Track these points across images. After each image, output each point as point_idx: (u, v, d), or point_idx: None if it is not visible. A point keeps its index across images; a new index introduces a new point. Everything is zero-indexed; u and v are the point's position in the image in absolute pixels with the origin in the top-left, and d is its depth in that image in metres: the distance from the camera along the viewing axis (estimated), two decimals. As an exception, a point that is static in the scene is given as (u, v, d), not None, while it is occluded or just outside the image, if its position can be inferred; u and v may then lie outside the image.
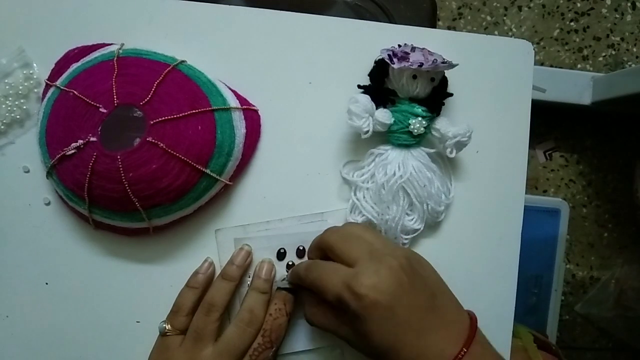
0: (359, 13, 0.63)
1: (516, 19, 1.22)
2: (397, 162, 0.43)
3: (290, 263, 0.45)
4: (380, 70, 0.44)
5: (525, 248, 0.47)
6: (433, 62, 0.40)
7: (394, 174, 0.43)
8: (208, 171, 0.40)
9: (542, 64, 1.21)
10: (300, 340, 0.44)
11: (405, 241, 0.45)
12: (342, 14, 0.62)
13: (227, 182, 0.43)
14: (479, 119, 0.47)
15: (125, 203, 0.39)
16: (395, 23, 0.61)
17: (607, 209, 1.24)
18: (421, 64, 0.40)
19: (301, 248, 0.45)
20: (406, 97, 0.43)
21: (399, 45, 0.44)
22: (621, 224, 1.24)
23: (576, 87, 1.11)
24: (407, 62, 0.41)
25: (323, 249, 0.40)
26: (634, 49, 1.23)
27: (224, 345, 0.39)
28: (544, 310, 1.13)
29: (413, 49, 0.43)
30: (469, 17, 1.22)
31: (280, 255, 0.45)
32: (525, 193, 0.47)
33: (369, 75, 0.45)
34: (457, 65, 0.42)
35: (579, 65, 1.22)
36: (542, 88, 1.08)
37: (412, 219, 0.44)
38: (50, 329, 0.44)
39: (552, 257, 1.13)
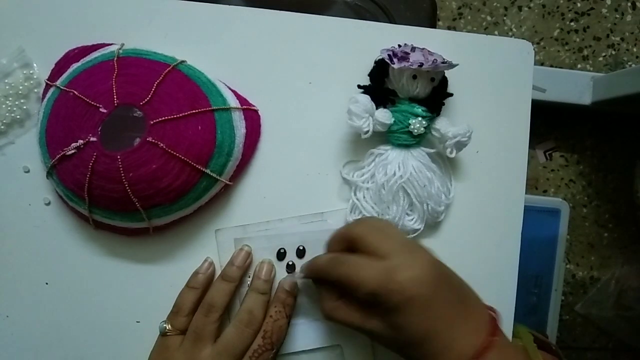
0: (359, 13, 0.63)
1: (516, 19, 1.22)
2: (397, 162, 0.43)
3: (290, 263, 0.45)
4: (380, 70, 0.44)
5: (525, 248, 0.47)
6: (433, 62, 0.40)
7: (394, 174, 0.43)
8: (208, 171, 0.40)
9: (542, 64, 1.21)
10: (300, 340, 0.44)
11: None
12: (342, 14, 0.62)
13: (227, 182, 0.43)
14: (479, 119, 0.47)
15: (125, 203, 0.39)
16: (395, 23, 0.61)
17: (607, 209, 1.24)
18: (421, 64, 0.40)
19: (301, 248, 0.45)
20: (406, 97, 0.43)
21: (399, 45, 0.44)
22: (621, 224, 1.24)
23: (576, 87, 1.11)
24: (407, 62, 0.41)
25: (349, 241, 0.39)
26: (634, 49, 1.23)
27: (223, 345, 0.39)
28: (544, 310, 1.13)
29: (413, 49, 0.43)
30: (469, 17, 1.22)
31: (280, 255, 0.45)
32: (525, 193, 0.47)
33: (369, 75, 0.45)
34: (457, 65, 0.42)
35: (579, 65, 1.22)
36: (542, 88, 1.08)
37: (412, 219, 0.44)
38: (50, 329, 0.44)
39: (552, 257, 1.13)
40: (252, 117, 0.45)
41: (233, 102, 0.44)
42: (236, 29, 0.46)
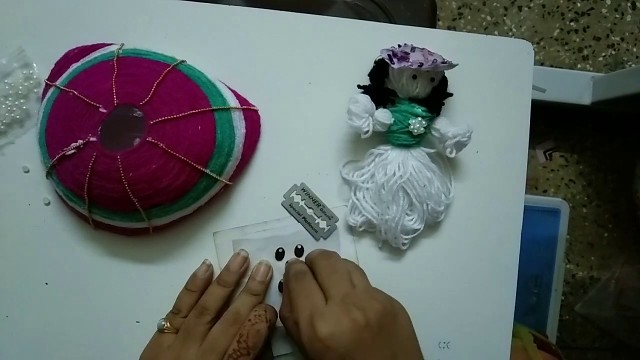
0: (359, 13, 0.63)
1: (516, 19, 1.22)
2: (397, 162, 0.43)
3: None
4: (380, 70, 0.44)
5: (525, 248, 0.47)
6: (433, 62, 0.40)
7: (394, 174, 0.43)
8: (208, 171, 0.40)
9: (542, 64, 1.21)
10: (280, 344, 0.44)
11: (405, 241, 0.45)
12: (342, 14, 0.62)
13: (227, 182, 0.43)
14: (479, 119, 0.47)
15: (125, 203, 0.39)
16: (395, 23, 0.61)
17: (607, 209, 1.24)
18: (421, 64, 0.40)
19: (299, 247, 0.45)
20: (406, 97, 0.43)
21: (399, 45, 0.44)
22: (621, 224, 1.24)
23: (576, 87, 1.11)
24: (407, 62, 0.41)
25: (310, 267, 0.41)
26: (634, 49, 1.23)
27: (208, 344, 0.39)
28: (544, 310, 1.13)
29: (413, 49, 0.43)
30: (469, 17, 1.22)
31: (279, 255, 0.45)
32: (525, 193, 0.47)
33: (368, 75, 0.45)
34: (457, 65, 0.42)
35: (579, 65, 1.22)
36: (542, 88, 1.08)
37: (412, 219, 0.44)
38: (50, 329, 0.44)
39: (552, 257, 1.13)
40: (252, 117, 0.45)
41: (233, 102, 0.43)
42: (236, 29, 0.46)
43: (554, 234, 1.13)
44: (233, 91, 0.45)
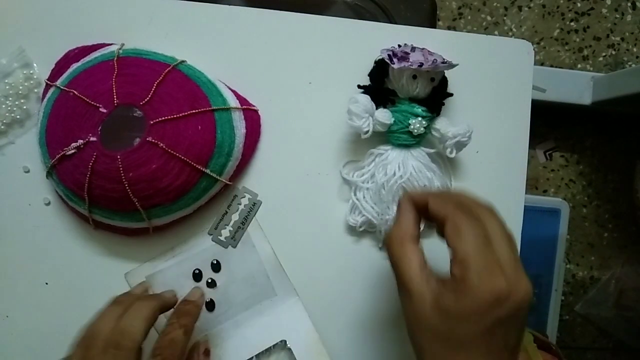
0: (359, 13, 0.63)
1: (516, 19, 1.22)
2: (397, 162, 0.43)
3: (209, 280, 0.43)
4: (380, 70, 0.44)
5: (525, 248, 0.46)
6: (433, 62, 0.40)
7: (394, 174, 0.43)
8: (208, 171, 0.40)
9: (542, 64, 1.21)
10: (240, 348, 0.43)
11: None
12: (342, 14, 0.62)
13: (227, 182, 0.43)
14: (479, 119, 0.47)
15: (125, 203, 0.39)
16: (395, 23, 0.61)
17: (607, 209, 1.24)
18: (421, 64, 0.40)
19: (215, 262, 0.44)
20: (406, 97, 0.43)
21: (399, 46, 0.44)
22: (621, 224, 1.24)
23: (576, 87, 1.11)
24: (407, 62, 0.41)
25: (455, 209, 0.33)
26: (634, 49, 1.23)
27: None
28: (544, 310, 1.13)
29: (413, 49, 0.43)
30: (469, 17, 1.22)
31: (197, 276, 0.44)
32: (525, 193, 0.47)
33: (369, 75, 0.45)
34: (457, 65, 0.42)
35: (579, 65, 1.22)
36: (542, 88, 1.08)
37: None
38: (50, 329, 0.44)
39: (552, 257, 1.13)
40: (252, 117, 0.45)
41: (233, 102, 0.43)
42: (236, 29, 0.46)
43: (554, 234, 1.13)
44: (233, 91, 0.45)
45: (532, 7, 1.22)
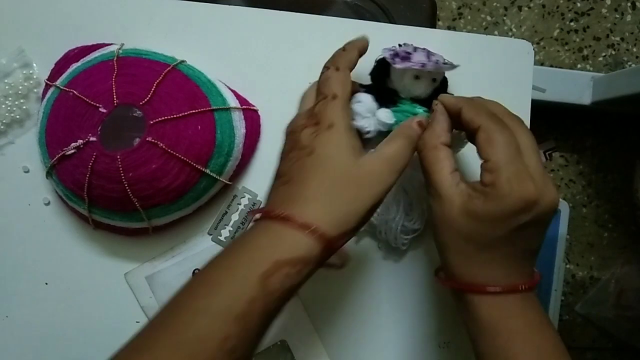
0: (359, 13, 0.63)
1: (516, 19, 1.22)
2: None
3: None
4: (381, 69, 0.44)
5: (525, 248, 0.46)
6: (435, 62, 0.40)
7: None
8: (208, 171, 0.40)
9: (542, 64, 1.21)
10: None
11: (405, 241, 0.45)
12: (342, 14, 0.62)
13: (226, 182, 0.43)
14: (479, 119, 0.47)
15: (125, 203, 0.39)
16: (395, 23, 0.61)
17: (607, 209, 1.24)
18: (423, 65, 0.40)
19: None
20: (408, 97, 0.43)
21: (400, 45, 0.44)
22: (621, 224, 1.23)
23: (576, 87, 1.11)
24: (410, 62, 0.40)
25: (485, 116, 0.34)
26: (634, 49, 1.23)
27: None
28: (544, 310, 1.13)
29: (415, 49, 0.43)
30: (469, 17, 1.22)
31: None
32: (525, 193, 0.47)
33: (370, 74, 0.44)
34: (458, 66, 0.41)
35: (579, 65, 1.22)
36: (542, 88, 1.08)
37: (412, 219, 0.44)
38: (50, 329, 0.44)
39: (552, 257, 1.13)
40: (252, 117, 0.45)
41: (233, 102, 0.43)
42: (236, 29, 0.46)
43: (554, 234, 1.13)
44: (233, 91, 0.45)
45: (532, 7, 1.22)
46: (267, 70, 0.46)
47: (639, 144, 1.23)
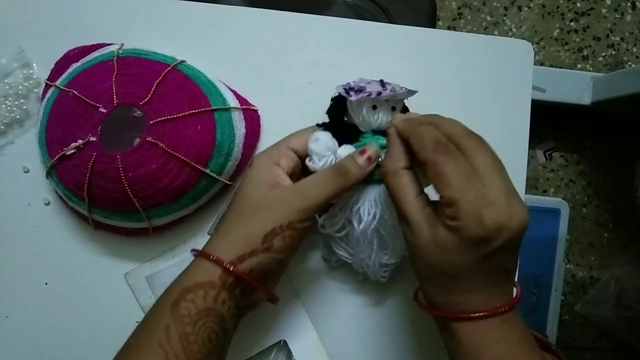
0: (359, 13, 0.63)
1: (516, 19, 1.22)
2: (369, 202, 0.40)
3: None
4: (338, 106, 0.41)
5: (525, 248, 0.46)
6: (392, 90, 0.38)
7: (368, 216, 0.39)
8: (207, 171, 0.40)
9: (542, 64, 1.21)
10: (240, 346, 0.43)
11: (384, 274, 0.43)
12: (342, 14, 0.62)
13: (226, 182, 0.43)
14: (479, 119, 0.47)
15: (125, 203, 0.39)
16: (395, 23, 0.61)
17: (607, 209, 1.24)
18: (379, 93, 0.38)
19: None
20: (369, 129, 0.40)
21: (354, 82, 0.41)
22: (621, 224, 1.24)
23: (576, 87, 1.11)
24: (364, 92, 0.38)
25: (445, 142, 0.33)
26: (634, 49, 1.23)
27: None
28: (544, 310, 1.13)
29: (369, 82, 0.40)
30: (469, 17, 1.22)
31: None
32: (525, 193, 0.47)
33: (327, 113, 0.42)
34: (416, 92, 0.39)
35: (579, 65, 1.22)
36: (542, 88, 1.08)
37: (387, 255, 0.42)
38: (50, 329, 0.44)
39: (552, 257, 1.13)
40: (252, 117, 0.45)
41: (233, 102, 0.43)
42: (236, 29, 0.46)
43: (554, 234, 1.13)
44: (233, 91, 0.45)
45: (532, 7, 1.22)
46: (267, 70, 0.46)
47: (639, 144, 1.23)
